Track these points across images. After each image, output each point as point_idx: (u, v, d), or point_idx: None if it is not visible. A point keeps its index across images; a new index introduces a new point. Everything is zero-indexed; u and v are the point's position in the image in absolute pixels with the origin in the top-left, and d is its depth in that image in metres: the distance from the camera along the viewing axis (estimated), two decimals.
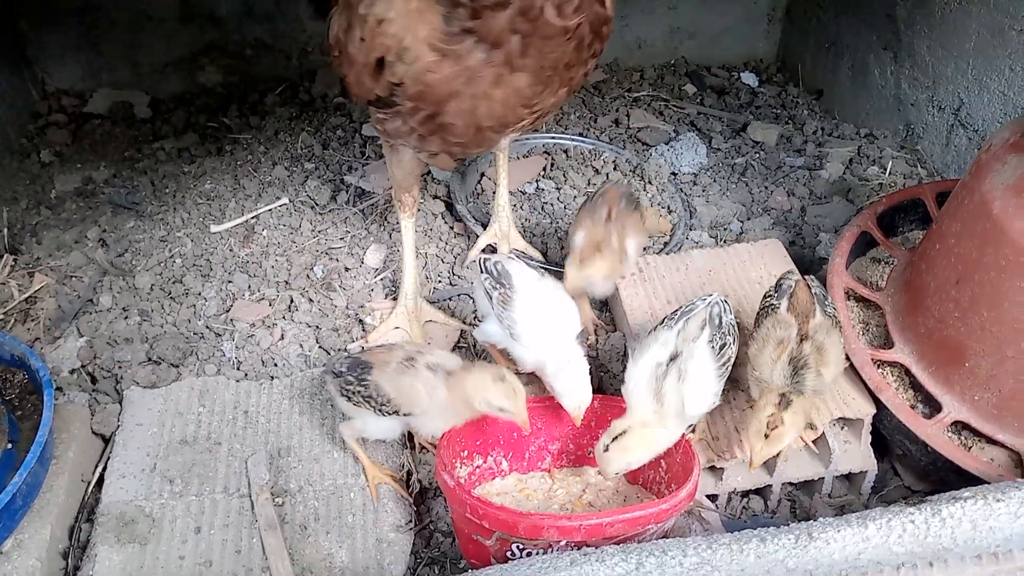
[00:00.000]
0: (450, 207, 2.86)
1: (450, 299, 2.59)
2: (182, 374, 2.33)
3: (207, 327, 2.48)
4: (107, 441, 2.19)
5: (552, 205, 2.92)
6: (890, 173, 3.11)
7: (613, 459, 1.85)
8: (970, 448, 2.04)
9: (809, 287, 1.99)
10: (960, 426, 2.06)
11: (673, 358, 1.86)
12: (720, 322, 1.90)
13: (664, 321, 1.94)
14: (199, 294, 2.58)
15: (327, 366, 2.07)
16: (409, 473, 2.11)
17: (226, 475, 2.05)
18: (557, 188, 2.99)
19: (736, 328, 1.95)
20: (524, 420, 1.88)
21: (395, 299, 2.52)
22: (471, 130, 1.93)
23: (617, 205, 2.25)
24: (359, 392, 1.93)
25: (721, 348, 1.88)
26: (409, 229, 2.41)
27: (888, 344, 2.19)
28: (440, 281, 2.65)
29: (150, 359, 2.38)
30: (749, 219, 2.92)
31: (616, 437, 1.85)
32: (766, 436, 1.82)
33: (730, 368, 1.91)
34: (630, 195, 2.33)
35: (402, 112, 1.94)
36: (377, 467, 2.05)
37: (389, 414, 1.93)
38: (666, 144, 3.24)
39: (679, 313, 1.93)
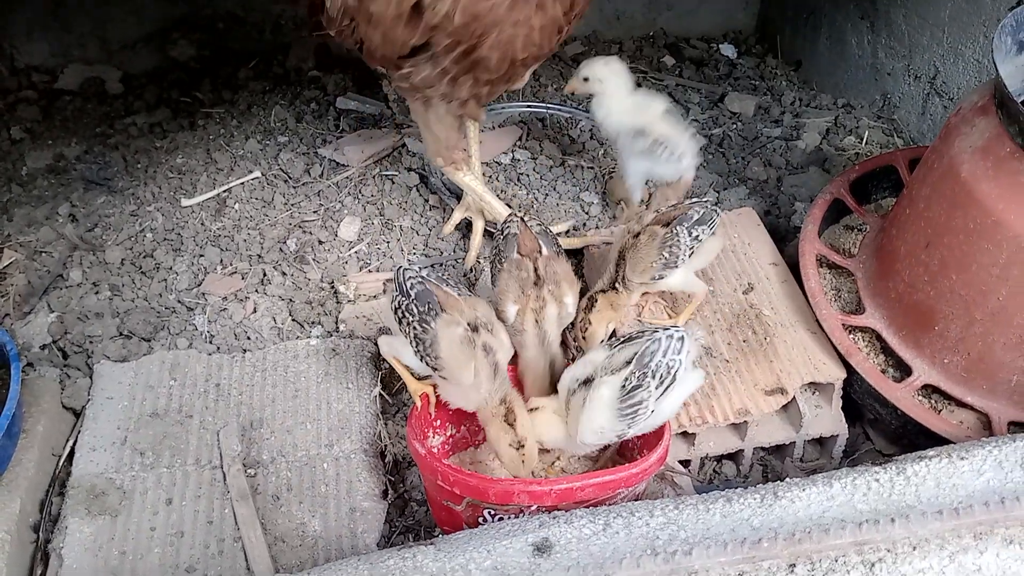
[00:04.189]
0: (424, 179, 2.85)
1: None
2: (153, 348, 2.32)
3: (178, 301, 2.46)
4: (78, 415, 2.17)
5: (528, 176, 2.90)
6: (866, 143, 3.11)
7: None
8: (940, 411, 2.06)
9: None
10: (930, 389, 2.07)
11: (587, 381, 1.83)
12: (648, 361, 1.77)
13: (612, 337, 1.94)
14: (170, 268, 2.56)
15: (397, 276, 1.91)
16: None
17: (198, 447, 2.04)
18: (533, 158, 2.97)
19: (673, 369, 1.78)
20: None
21: (371, 271, 2.53)
22: (505, 63, 1.95)
23: (539, 253, 2.08)
24: (413, 328, 1.84)
25: (632, 390, 1.76)
26: (473, 177, 2.43)
27: (859, 310, 2.20)
28: (414, 253, 2.63)
29: (121, 333, 2.36)
30: (725, 189, 2.91)
31: (533, 409, 1.88)
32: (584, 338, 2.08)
33: (644, 412, 1.77)
34: (545, 231, 2.15)
35: (436, 55, 1.95)
36: (416, 381, 1.97)
37: (424, 363, 1.86)
38: None
39: (624, 338, 1.87)
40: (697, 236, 2.08)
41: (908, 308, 2.06)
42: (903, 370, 2.10)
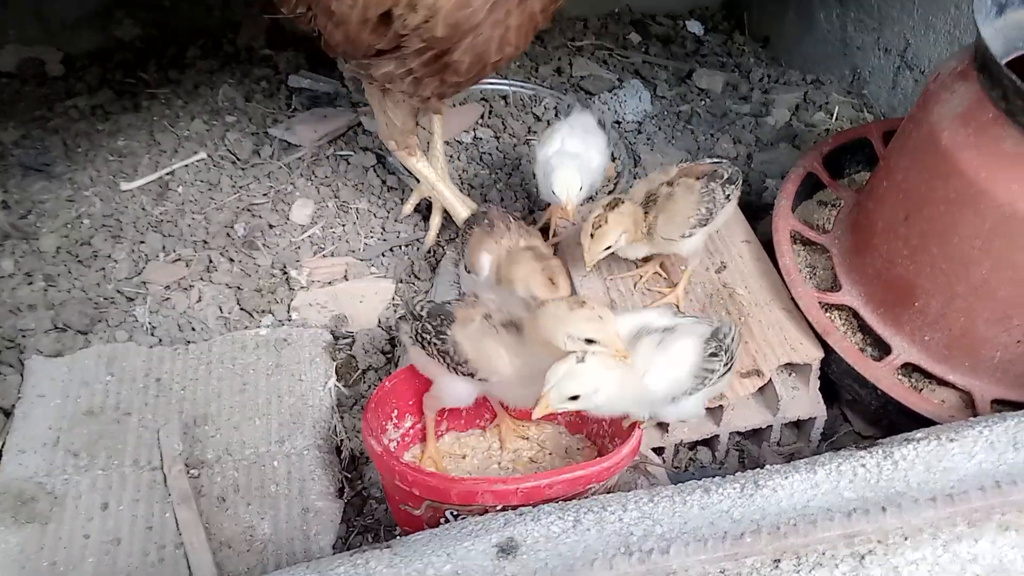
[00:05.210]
0: (381, 160, 2.71)
1: (383, 255, 2.46)
2: (90, 342, 2.17)
3: (118, 291, 2.31)
4: (8, 415, 2.01)
5: (491, 155, 2.78)
6: (836, 118, 3.05)
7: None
8: (920, 390, 1.98)
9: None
10: (910, 368, 2.00)
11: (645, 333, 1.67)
12: (724, 338, 1.71)
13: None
14: (109, 256, 2.40)
15: (405, 311, 1.84)
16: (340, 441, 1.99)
17: (136, 447, 1.90)
18: (496, 137, 2.85)
19: (734, 357, 1.75)
20: (619, 348, 1.58)
21: (325, 256, 2.40)
22: (477, 67, 1.87)
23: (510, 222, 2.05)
24: (435, 345, 1.73)
25: (711, 355, 1.68)
26: (426, 164, 2.33)
27: (835, 287, 2.11)
28: (372, 236, 2.50)
29: (56, 326, 2.20)
30: None
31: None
32: (592, 235, 1.87)
33: (709, 381, 1.69)
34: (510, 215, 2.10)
35: (404, 56, 1.84)
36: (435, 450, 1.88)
37: (464, 375, 1.72)
38: (610, 92, 3.12)
39: (681, 315, 1.78)
40: (728, 195, 2.02)
41: (887, 284, 1.97)
42: (881, 348, 2.02)
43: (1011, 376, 1.88)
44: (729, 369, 1.74)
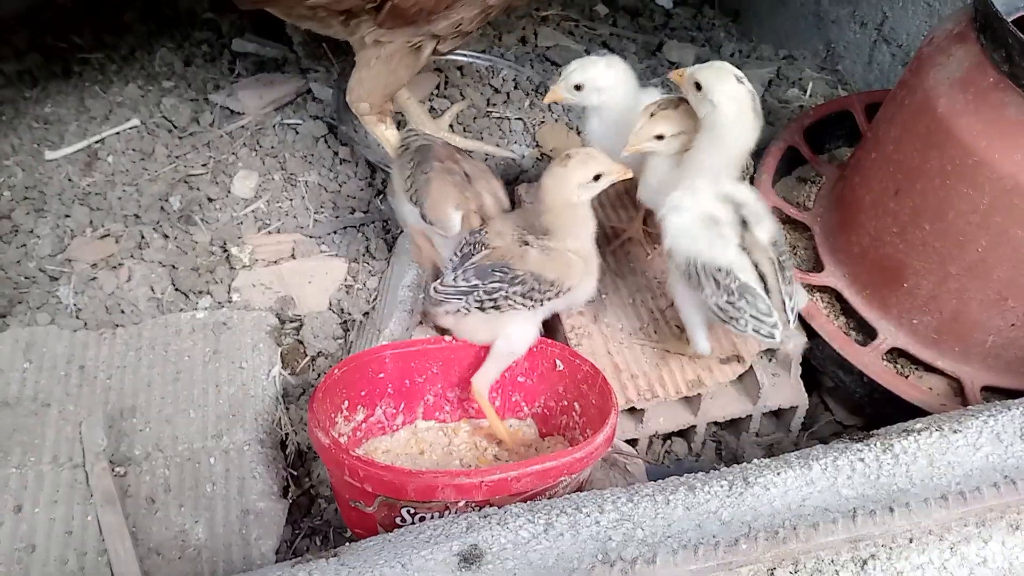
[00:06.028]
0: (333, 129, 2.52)
1: (335, 232, 2.27)
2: (8, 324, 1.96)
3: (40, 269, 2.10)
4: None
5: (452, 127, 2.60)
6: (810, 94, 2.94)
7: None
8: (907, 377, 1.87)
9: None
10: (896, 353, 1.89)
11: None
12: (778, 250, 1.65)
13: None
14: (31, 231, 2.19)
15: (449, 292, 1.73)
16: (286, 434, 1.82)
17: (56, 442, 1.71)
18: None
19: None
20: (619, 170, 1.65)
21: (270, 232, 2.22)
22: None
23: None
24: (508, 297, 1.68)
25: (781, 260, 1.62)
26: (395, 131, 2.18)
27: (817, 267, 2.00)
28: (322, 212, 2.32)
29: None
30: None
31: None
32: (652, 114, 1.69)
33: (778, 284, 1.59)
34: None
35: None
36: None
37: (556, 296, 1.70)
38: None
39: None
40: None
41: (873, 264, 1.86)
42: (866, 333, 1.91)
43: (1003, 362, 1.78)
44: (777, 270, 1.62)
